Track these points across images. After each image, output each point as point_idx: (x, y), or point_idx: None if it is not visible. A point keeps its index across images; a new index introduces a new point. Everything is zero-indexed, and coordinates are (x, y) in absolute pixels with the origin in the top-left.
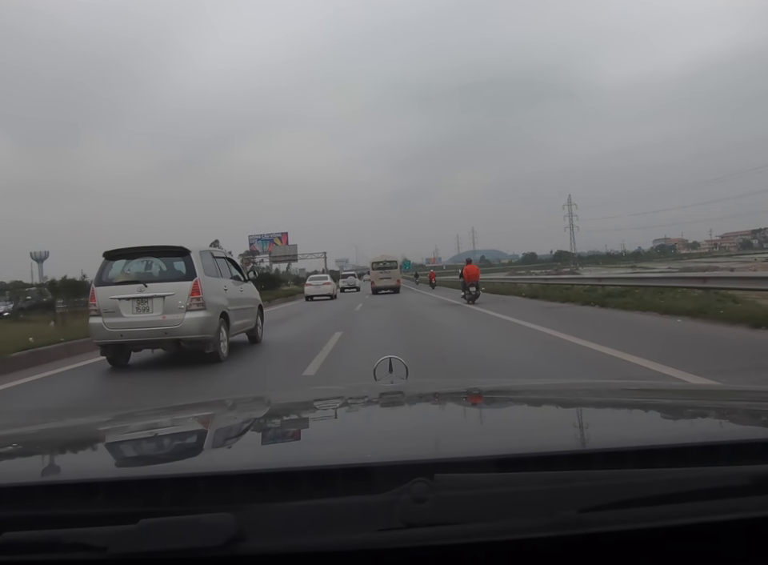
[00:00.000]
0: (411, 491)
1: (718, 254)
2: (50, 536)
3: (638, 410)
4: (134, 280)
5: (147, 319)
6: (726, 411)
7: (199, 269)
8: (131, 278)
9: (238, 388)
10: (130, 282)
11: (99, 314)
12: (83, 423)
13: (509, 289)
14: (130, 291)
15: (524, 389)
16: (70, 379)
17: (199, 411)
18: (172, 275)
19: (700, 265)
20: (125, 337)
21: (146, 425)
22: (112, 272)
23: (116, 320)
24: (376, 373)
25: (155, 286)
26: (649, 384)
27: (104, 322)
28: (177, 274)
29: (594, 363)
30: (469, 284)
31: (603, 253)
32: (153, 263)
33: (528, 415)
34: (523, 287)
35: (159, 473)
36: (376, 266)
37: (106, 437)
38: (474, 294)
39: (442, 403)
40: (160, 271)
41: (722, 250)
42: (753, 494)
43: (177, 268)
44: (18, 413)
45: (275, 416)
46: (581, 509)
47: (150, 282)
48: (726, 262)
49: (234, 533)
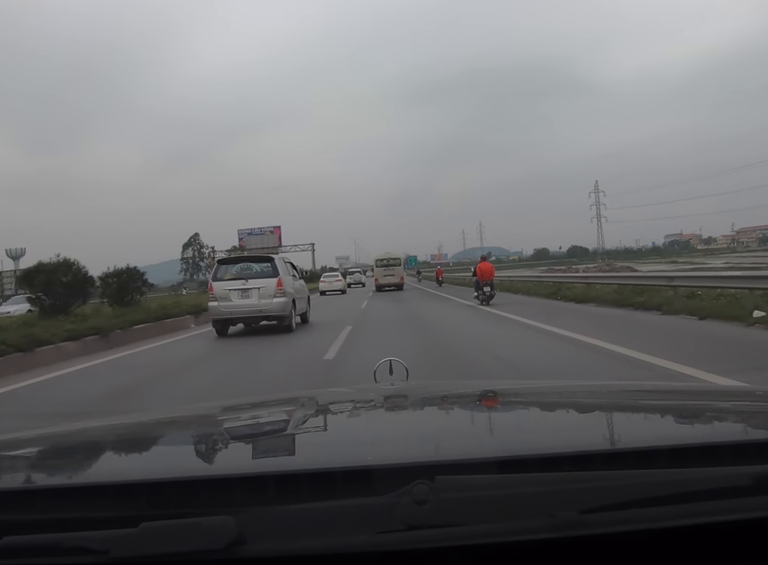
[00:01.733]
0: (412, 493)
1: (743, 249)
2: (50, 540)
3: (638, 411)
4: (239, 277)
5: (248, 303)
6: (726, 412)
7: (281, 269)
8: (237, 276)
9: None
10: (237, 278)
11: (216, 300)
12: (83, 427)
13: (528, 288)
14: (237, 285)
15: (525, 391)
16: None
17: (200, 414)
18: (264, 274)
19: None
20: (233, 314)
21: (147, 428)
22: (222, 272)
23: (227, 304)
24: (376, 375)
25: (253, 282)
26: (650, 385)
27: (219, 305)
28: (266, 273)
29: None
30: (483, 283)
31: (621, 248)
32: (251, 266)
33: (529, 417)
34: (548, 286)
35: (160, 476)
36: (380, 263)
37: (107, 441)
38: (489, 295)
39: (443, 405)
40: (255, 271)
41: (740, 246)
42: (754, 495)
43: (266, 269)
44: (19, 416)
45: (276, 419)
46: (582, 510)
47: (249, 278)
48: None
49: (235, 536)
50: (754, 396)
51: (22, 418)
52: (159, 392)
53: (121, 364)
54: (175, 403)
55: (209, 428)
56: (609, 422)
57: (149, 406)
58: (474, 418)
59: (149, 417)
